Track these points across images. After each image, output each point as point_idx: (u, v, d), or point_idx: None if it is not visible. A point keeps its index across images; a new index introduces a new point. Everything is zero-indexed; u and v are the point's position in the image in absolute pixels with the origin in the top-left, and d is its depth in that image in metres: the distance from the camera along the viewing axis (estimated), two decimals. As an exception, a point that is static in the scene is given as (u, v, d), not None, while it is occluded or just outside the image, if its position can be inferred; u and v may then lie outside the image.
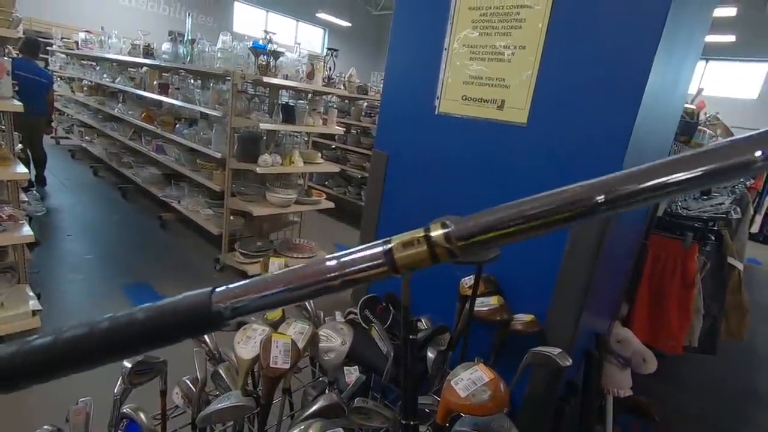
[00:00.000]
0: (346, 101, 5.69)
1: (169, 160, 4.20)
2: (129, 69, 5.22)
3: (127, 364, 0.77)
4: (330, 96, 5.16)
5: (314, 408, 0.80)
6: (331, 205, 3.88)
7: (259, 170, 3.27)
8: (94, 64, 5.97)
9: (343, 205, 5.15)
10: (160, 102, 4.48)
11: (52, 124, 5.95)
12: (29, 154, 4.43)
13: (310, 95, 4.00)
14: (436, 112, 1.17)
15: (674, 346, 1.59)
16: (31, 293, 2.30)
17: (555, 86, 0.98)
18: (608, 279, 1.26)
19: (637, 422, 2.08)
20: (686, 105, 1.84)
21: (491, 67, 1.06)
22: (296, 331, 0.86)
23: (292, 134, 4.33)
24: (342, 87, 4.23)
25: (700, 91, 2.46)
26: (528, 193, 0.99)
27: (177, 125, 4.05)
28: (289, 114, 3.50)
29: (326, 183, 5.65)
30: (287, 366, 0.77)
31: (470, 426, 0.71)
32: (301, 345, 0.83)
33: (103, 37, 5.51)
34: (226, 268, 3.57)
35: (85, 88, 6.25)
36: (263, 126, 3.25)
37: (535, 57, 0.99)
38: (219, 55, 3.47)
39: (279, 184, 3.67)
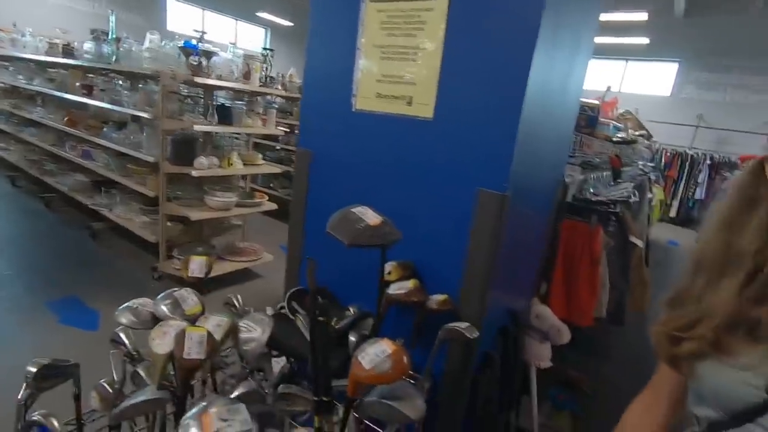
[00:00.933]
0: (289, 101, 5.63)
1: (97, 166, 3.96)
2: (48, 69, 4.85)
3: (32, 368, 0.76)
4: (273, 96, 5.08)
5: (232, 396, 0.83)
6: (274, 206, 3.84)
7: (194, 173, 3.18)
8: (6, 64, 5.48)
9: (288, 206, 5.09)
10: (85, 104, 4.21)
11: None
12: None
13: (247, 96, 3.93)
14: (353, 109, 1.23)
15: (585, 318, 1.76)
16: (-64, 314, 2.10)
17: (455, 83, 1.06)
18: (519, 262, 1.38)
19: (563, 393, 2.27)
20: (590, 101, 2.03)
21: (400, 65, 1.13)
22: (214, 324, 0.88)
23: (231, 136, 4.23)
24: (280, 87, 4.19)
25: (608, 88, 2.72)
26: (438, 183, 1.09)
27: (104, 129, 3.84)
28: (225, 115, 3.42)
29: (271, 185, 5.57)
30: (202, 356, 0.79)
31: (377, 395, 0.77)
32: (218, 336, 0.85)
33: (15, 35, 5.08)
34: (165, 277, 3.44)
35: (-4, 91, 5.72)
36: (197, 128, 3.17)
37: (436, 56, 1.07)
38: (147, 54, 3.32)
39: (218, 188, 3.58)
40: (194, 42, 3.28)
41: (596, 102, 2.00)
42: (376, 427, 0.98)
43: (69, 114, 4.27)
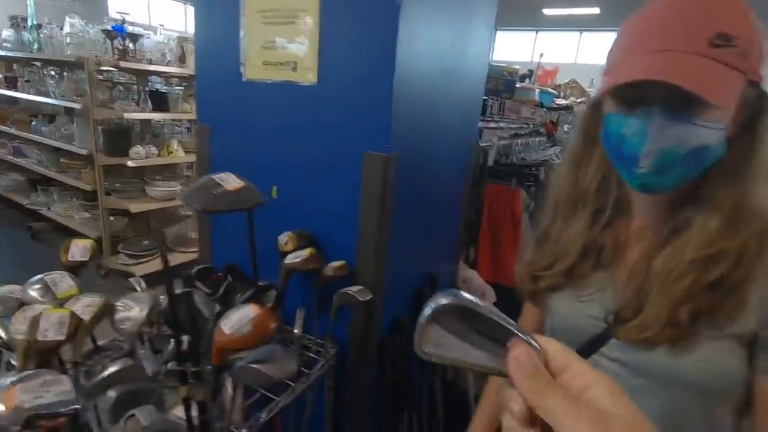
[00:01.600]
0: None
1: (30, 163, 3.77)
2: (-30, 63, 4.53)
3: None
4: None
5: (104, 374, 0.81)
6: (223, 193, 3.76)
7: (131, 164, 3.06)
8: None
9: (244, 194, 4.98)
10: (14, 98, 3.97)
11: None
12: None
13: (186, 81, 3.78)
14: (243, 79, 1.19)
15: (511, 278, 1.80)
16: None
17: (334, 46, 1.04)
18: (428, 225, 1.39)
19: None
20: (510, 66, 2.04)
21: (281, 29, 1.09)
22: (83, 305, 0.85)
23: (172, 123, 4.08)
24: (221, 70, 4.03)
25: (541, 55, 2.74)
26: (328, 149, 1.08)
27: (33, 123, 3.63)
28: (160, 101, 3.29)
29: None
30: (61, 338, 0.76)
31: (245, 361, 0.77)
32: (87, 317, 0.83)
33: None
34: (112, 273, 3.33)
35: None
36: (130, 116, 3.04)
37: (314, 18, 1.04)
38: (68, 40, 3.14)
39: (161, 177, 3.47)
40: (120, 24, 3.12)
41: (516, 67, 2.02)
42: (273, 396, 0.99)
43: (-5, 109, 4.02)
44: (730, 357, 0.55)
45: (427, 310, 0.29)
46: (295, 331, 1.08)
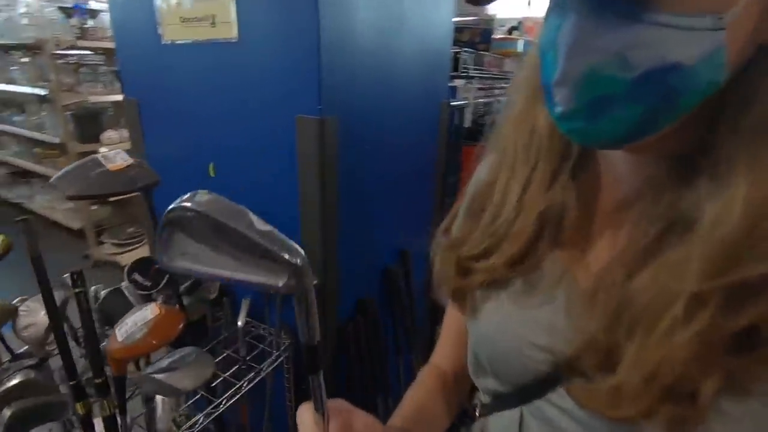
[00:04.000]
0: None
1: (6, 155, 3.67)
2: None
3: None
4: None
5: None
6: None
7: (103, 150, 2.94)
8: None
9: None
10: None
11: None
12: None
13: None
14: (162, 42, 1.04)
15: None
16: None
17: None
18: (393, 197, 1.25)
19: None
20: (486, 14, 1.83)
21: (193, -23, 0.93)
22: (-24, 311, 0.75)
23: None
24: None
25: (528, 3, 2.51)
26: (258, 115, 0.92)
27: (6, 113, 3.51)
28: (129, 81, 3.12)
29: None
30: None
31: (151, 369, 0.66)
32: (-23, 326, 0.73)
33: None
34: (99, 263, 3.28)
35: None
36: (95, 99, 2.89)
37: (226, -41, 0.87)
38: (25, 21, 2.96)
39: (139, 162, 3.35)
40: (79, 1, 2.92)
41: (492, 15, 1.81)
42: (212, 398, 0.89)
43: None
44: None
45: (167, 215, 0.28)
46: (239, 323, 0.98)
